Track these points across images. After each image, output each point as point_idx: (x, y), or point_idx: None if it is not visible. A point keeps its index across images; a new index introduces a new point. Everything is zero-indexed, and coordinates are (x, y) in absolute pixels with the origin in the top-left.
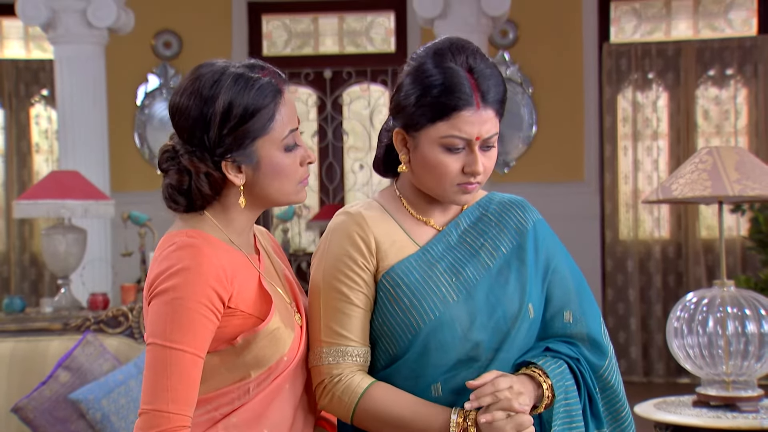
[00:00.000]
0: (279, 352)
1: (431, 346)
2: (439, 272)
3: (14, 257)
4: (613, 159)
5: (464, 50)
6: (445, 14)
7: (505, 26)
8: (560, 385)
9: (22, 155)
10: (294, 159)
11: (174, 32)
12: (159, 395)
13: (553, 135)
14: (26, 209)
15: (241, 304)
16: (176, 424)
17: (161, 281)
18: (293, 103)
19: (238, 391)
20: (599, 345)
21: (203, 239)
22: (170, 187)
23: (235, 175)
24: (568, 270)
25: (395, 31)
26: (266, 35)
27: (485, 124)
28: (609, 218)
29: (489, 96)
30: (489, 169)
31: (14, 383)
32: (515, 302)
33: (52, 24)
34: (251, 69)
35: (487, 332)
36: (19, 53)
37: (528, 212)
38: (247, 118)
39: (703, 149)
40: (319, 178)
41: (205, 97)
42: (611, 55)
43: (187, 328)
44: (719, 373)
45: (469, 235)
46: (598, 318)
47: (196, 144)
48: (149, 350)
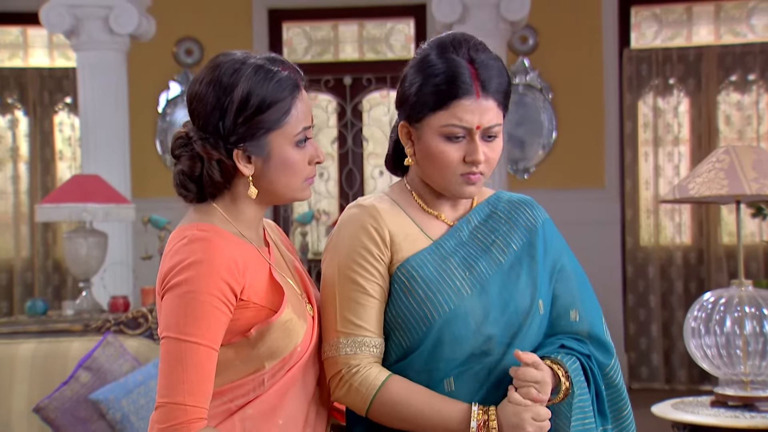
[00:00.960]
0: (293, 342)
1: (445, 339)
2: (453, 266)
3: (38, 263)
4: (633, 165)
5: (467, 42)
6: (463, 19)
7: (525, 32)
8: (576, 381)
9: (45, 162)
10: (304, 156)
11: (195, 39)
12: (175, 388)
13: (573, 141)
14: (48, 213)
15: (253, 296)
16: (193, 417)
17: (174, 275)
18: (308, 102)
19: (253, 383)
20: (604, 344)
21: (214, 232)
22: (182, 174)
23: (244, 165)
24: (573, 270)
25: (415, 38)
26: (286, 42)
27: (486, 114)
28: (629, 224)
29: (490, 86)
30: (492, 161)
31: (36, 384)
32: (527, 298)
33: (75, 31)
34: (271, 62)
35: (499, 327)
36: (44, 62)
37: (536, 211)
38: (264, 109)
39: (720, 148)
40: (339, 184)
41: (225, 85)
42: (632, 61)
43: (201, 320)
44: (737, 373)
45: (480, 232)
46: (600, 318)
47: (210, 131)
48: (163, 344)
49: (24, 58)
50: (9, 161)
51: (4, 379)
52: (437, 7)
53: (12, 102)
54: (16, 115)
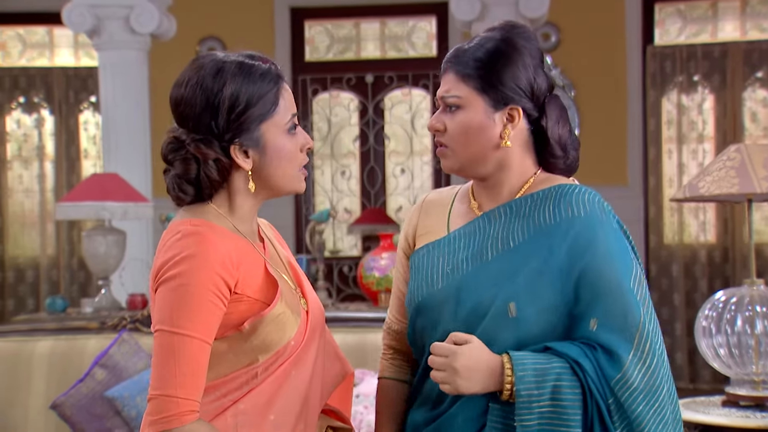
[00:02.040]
0: (286, 336)
1: (417, 330)
2: (443, 259)
3: (63, 261)
4: (657, 162)
5: (491, 26)
6: (482, 17)
7: (547, 29)
8: (530, 380)
9: (71, 161)
10: (296, 143)
11: (218, 38)
12: (167, 381)
13: (595, 139)
14: (67, 211)
15: (247, 289)
16: (185, 409)
17: (167, 269)
18: (291, 92)
19: (246, 376)
20: (612, 354)
21: (207, 227)
22: (177, 178)
23: (243, 160)
24: (602, 274)
25: (437, 36)
26: (308, 40)
27: (444, 85)
28: (653, 222)
29: (452, 60)
30: (453, 132)
31: (53, 381)
32: (488, 298)
33: (96, 31)
34: (252, 58)
35: (457, 324)
36: (69, 61)
37: (564, 208)
38: (254, 103)
39: (732, 146)
40: (361, 183)
41: (212, 85)
42: (655, 58)
43: (194, 313)
44: (748, 373)
45: (496, 225)
46: (627, 328)
47: (203, 132)
48: (156, 337)
49: (50, 57)
50: (35, 160)
51: (23, 375)
52: (456, 5)
53: (38, 101)
54: (42, 114)
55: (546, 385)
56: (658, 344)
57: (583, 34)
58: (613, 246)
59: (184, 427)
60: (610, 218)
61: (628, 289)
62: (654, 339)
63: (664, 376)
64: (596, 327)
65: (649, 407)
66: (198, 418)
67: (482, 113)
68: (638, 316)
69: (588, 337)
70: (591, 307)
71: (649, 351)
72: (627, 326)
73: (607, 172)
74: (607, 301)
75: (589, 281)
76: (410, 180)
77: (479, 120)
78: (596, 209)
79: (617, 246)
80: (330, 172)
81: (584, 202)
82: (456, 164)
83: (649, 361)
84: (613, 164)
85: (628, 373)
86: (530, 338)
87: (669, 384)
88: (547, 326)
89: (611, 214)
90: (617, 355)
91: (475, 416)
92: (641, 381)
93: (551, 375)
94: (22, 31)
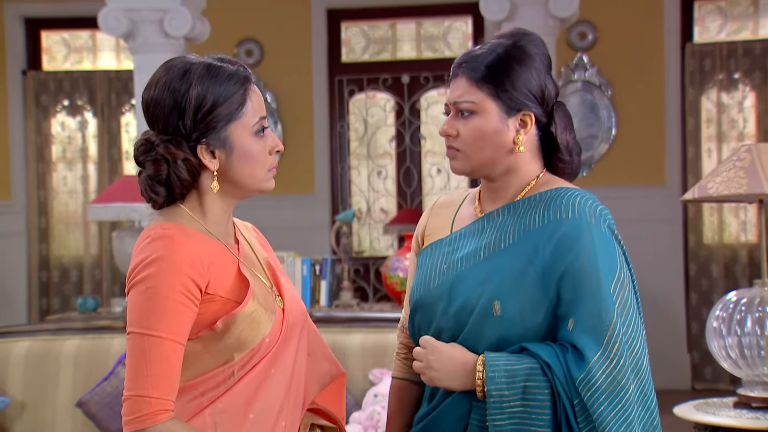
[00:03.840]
0: (260, 334)
1: (416, 326)
2: (441, 259)
3: (105, 261)
4: (696, 161)
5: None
6: (512, 17)
7: (583, 28)
8: (501, 380)
9: (113, 162)
10: (264, 146)
11: (255, 40)
12: (139, 381)
13: (633, 138)
14: (98, 212)
15: (219, 289)
16: (157, 408)
17: (137, 272)
18: (260, 95)
19: (222, 374)
20: (580, 354)
21: (177, 230)
22: (148, 179)
23: (209, 160)
24: (582, 275)
25: (473, 35)
26: (345, 41)
27: (455, 91)
28: (692, 222)
29: (463, 66)
30: (466, 136)
31: (80, 379)
32: (475, 295)
33: (131, 34)
34: (220, 60)
35: (448, 321)
36: (111, 64)
37: (552, 210)
38: (220, 103)
39: (742, 147)
40: (397, 183)
41: (179, 86)
42: (694, 56)
43: (163, 314)
44: (759, 374)
45: (494, 227)
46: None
47: (171, 132)
48: (129, 339)
49: (93, 61)
50: (79, 161)
51: (51, 373)
52: (485, 5)
53: (81, 104)
54: (85, 117)
55: (516, 385)
56: (630, 347)
57: (620, 32)
58: (597, 249)
59: (157, 426)
60: (600, 222)
61: (606, 292)
62: (624, 341)
63: (632, 379)
64: (572, 327)
65: (612, 407)
66: (172, 417)
67: (496, 119)
68: (611, 318)
69: (565, 338)
70: (571, 307)
71: (617, 353)
72: (599, 327)
73: (645, 172)
74: (585, 302)
75: (570, 282)
76: (446, 180)
77: (493, 126)
78: (586, 213)
79: (602, 249)
80: (366, 172)
81: (574, 206)
82: (467, 167)
83: (615, 362)
84: (651, 164)
85: (592, 373)
86: (514, 336)
87: (641, 387)
88: (531, 325)
89: (603, 218)
90: (584, 355)
91: (462, 414)
92: (604, 381)
93: (521, 375)
94: (66, 35)
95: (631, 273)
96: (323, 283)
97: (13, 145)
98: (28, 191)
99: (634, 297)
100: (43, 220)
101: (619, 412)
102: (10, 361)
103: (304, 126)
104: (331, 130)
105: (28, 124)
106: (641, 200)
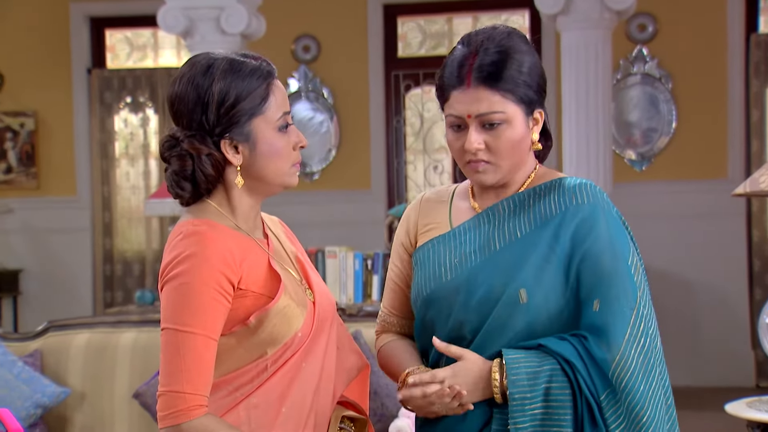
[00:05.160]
0: (293, 328)
1: (426, 321)
2: (448, 253)
3: None
4: (760, 155)
5: (486, 33)
6: (567, 10)
7: (643, 20)
8: (523, 383)
9: None
10: (288, 141)
11: (312, 36)
12: (174, 377)
13: (694, 131)
14: (154, 207)
15: (251, 285)
16: (192, 404)
17: (170, 269)
18: (284, 90)
19: (256, 369)
20: (606, 336)
21: (209, 226)
22: (174, 174)
23: (233, 155)
24: (603, 257)
25: (530, 29)
26: (401, 36)
27: (476, 103)
28: (756, 216)
29: (481, 74)
30: (499, 149)
31: (136, 371)
32: (499, 285)
33: (189, 32)
34: (243, 56)
35: (469, 312)
36: (172, 61)
37: (568, 197)
38: (243, 97)
39: None
40: (453, 177)
41: (202, 81)
42: (759, 47)
43: (197, 311)
44: None
45: (500, 219)
46: (625, 310)
47: (195, 128)
48: (163, 335)
49: (155, 58)
50: (140, 157)
51: (108, 365)
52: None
53: (143, 101)
54: (147, 113)
55: (538, 387)
56: (651, 329)
57: (681, 23)
58: (613, 231)
59: (192, 421)
60: (611, 208)
61: (626, 271)
62: (648, 323)
63: (657, 360)
64: (598, 308)
65: (647, 387)
66: (206, 413)
67: (522, 123)
68: (635, 298)
69: (591, 320)
70: (594, 289)
71: (644, 331)
72: (625, 307)
73: (707, 166)
74: (609, 284)
75: (591, 265)
76: None
77: (522, 131)
78: (599, 198)
79: (617, 232)
80: (422, 167)
81: (588, 192)
82: (498, 177)
83: (643, 341)
84: (713, 157)
85: (626, 354)
86: (540, 323)
87: (661, 369)
88: (555, 310)
89: (611, 205)
90: (614, 336)
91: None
92: (637, 360)
93: (543, 377)
94: (129, 33)
95: (640, 257)
96: (375, 277)
97: (77, 142)
98: (92, 187)
99: (646, 280)
100: (106, 215)
101: (652, 391)
102: (70, 353)
103: (361, 121)
104: (387, 126)
105: (92, 121)
106: (703, 194)
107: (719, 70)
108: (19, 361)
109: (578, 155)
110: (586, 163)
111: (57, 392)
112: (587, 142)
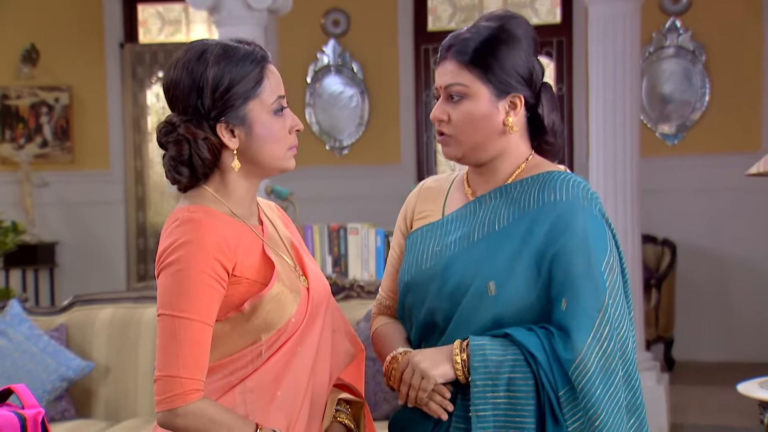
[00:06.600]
0: (286, 314)
1: (405, 306)
2: (432, 242)
3: None
4: None
5: (491, 17)
6: None
7: None
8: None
9: None
10: (283, 124)
11: (342, 10)
12: (170, 362)
13: (728, 104)
14: None
15: (245, 271)
16: (189, 388)
17: (166, 256)
18: (278, 75)
19: (251, 354)
20: (570, 336)
21: (204, 213)
22: (172, 160)
23: (229, 139)
24: (575, 256)
25: (561, 2)
26: (431, 10)
27: (445, 75)
28: None
29: (453, 49)
30: (458, 122)
31: None
32: (470, 275)
33: (216, 7)
34: (237, 42)
35: (441, 301)
36: (203, 36)
37: (547, 192)
38: (237, 81)
39: None
40: None
41: (196, 67)
42: None
43: (192, 297)
44: None
45: (486, 210)
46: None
47: (191, 113)
48: (159, 321)
49: (186, 33)
50: None
51: (131, 340)
52: None
53: None
54: None
55: (501, 376)
56: (620, 331)
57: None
58: (590, 230)
59: (189, 405)
60: (592, 206)
61: (598, 273)
62: (614, 324)
63: (622, 363)
64: (566, 307)
65: (605, 390)
66: (202, 397)
67: (487, 102)
68: (603, 299)
69: (557, 319)
70: (563, 288)
71: (608, 335)
72: (592, 309)
73: (740, 139)
74: (578, 284)
75: (563, 263)
76: None
77: (484, 109)
78: (579, 195)
79: (594, 231)
80: None
81: (568, 188)
82: (459, 152)
83: (605, 344)
84: (747, 130)
85: (586, 356)
86: (508, 316)
87: (626, 369)
88: (525, 305)
89: (594, 202)
90: (577, 337)
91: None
92: (597, 364)
93: (506, 366)
94: (161, 8)
95: (621, 257)
96: None
97: (111, 117)
98: (125, 161)
99: (621, 280)
100: (139, 189)
101: (610, 394)
102: (95, 327)
103: (390, 96)
104: (417, 100)
105: (125, 95)
106: (736, 168)
107: (754, 42)
108: (45, 335)
109: (605, 129)
110: (613, 138)
111: (81, 366)
112: (614, 116)
